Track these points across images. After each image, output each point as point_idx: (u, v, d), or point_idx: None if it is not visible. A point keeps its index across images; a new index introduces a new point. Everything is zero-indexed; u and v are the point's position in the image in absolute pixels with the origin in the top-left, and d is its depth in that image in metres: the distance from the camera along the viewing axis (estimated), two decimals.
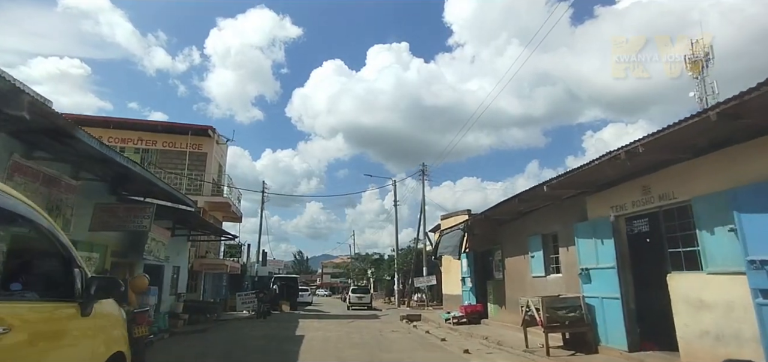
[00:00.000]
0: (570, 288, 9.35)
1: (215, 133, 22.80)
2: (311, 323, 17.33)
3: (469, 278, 14.98)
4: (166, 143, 22.10)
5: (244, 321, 18.34)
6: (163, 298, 15.81)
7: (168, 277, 16.37)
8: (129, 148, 21.58)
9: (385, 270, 37.82)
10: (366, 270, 49.20)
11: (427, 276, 27.41)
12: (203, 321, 17.58)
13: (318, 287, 77.91)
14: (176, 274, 17.51)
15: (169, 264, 16.37)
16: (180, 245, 17.59)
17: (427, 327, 14.67)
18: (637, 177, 7.14)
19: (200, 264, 20.57)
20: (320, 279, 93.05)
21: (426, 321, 16.70)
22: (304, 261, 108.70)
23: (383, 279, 41.24)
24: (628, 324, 7.41)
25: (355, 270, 53.16)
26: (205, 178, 21.72)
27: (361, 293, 30.64)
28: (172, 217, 15.05)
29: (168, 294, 16.51)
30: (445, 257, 18.58)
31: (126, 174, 10.01)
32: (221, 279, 25.19)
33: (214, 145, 22.85)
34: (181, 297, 17.60)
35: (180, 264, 17.68)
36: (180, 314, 16.70)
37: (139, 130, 21.81)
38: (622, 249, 7.83)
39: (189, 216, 14.41)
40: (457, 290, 16.29)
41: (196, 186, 21.31)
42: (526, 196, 9.64)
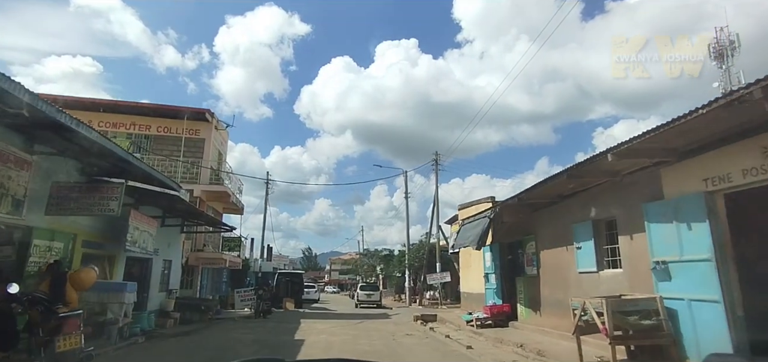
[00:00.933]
0: (635, 286, 7.44)
1: (214, 117, 21.14)
2: (314, 324, 15.59)
3: (493, 274, 13.09)
4: (161, 128, 20.48)
5: (241, 321, 16.66)
6: (151, 295, 14.17)
7: (157, 272, 14.73)
8: (120, 133, 19.99)
9: (395, 267, 36.01)
10: (375, 267, 47.48)
11: (440, 273, 25.53)
12: (197, 320, 15.94)
13: (326, 284, 76.47)
14: (167, 269, 15.87)
15: (159, 257, 14.72)
16: (172, 236, 15.95)
17: (445, 329, 12.84)
18: (756, 134, 5.18)
19: (196, 259, 18.93)
20: (328, 275, 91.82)
21: (442, 322, 14.87)
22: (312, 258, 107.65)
23: (393, 276, 39.45)
24: (734, 337, 5.48)
25: (363, 267, 51.44)
26: (203, 164, 20.07)
27: (370, 290, 28.89)
28: (160, 205, 13.38)
29: (157, 290, 14.87)
30: (464, 251, 16.75)
31: (94, 150, 8.31)
32: (221, 274, 23.57)
33: (213, 131, 21.18)
34: (172, 293, 15.96)
35: (172, 257, 16.04)
36: (171, 312, 15.06)
37: (131, 114, 20.20)
38: (721, 235, 5.89)
39: (179, 204, 12.72)
40: (479, 288, 14.41)
41: (193, 174, 19.67)
42: (579, 171, 7.72)
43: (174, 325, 14.37)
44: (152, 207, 12.91)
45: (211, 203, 20.81)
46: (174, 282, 16.32)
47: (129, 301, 10.25)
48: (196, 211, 13.02)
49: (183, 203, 12.54)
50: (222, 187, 19.91)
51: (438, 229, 26.31)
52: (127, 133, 20.15)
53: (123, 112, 20.09)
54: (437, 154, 27.28)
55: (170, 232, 15.72)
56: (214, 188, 19.77)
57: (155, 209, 13.26)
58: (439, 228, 26.34)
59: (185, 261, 18.16)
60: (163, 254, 15.11)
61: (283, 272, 28.71)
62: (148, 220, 12.07)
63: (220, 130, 22.20)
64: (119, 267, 11.93)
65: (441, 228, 26.38)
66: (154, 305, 14.36)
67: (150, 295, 14.05)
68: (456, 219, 17.30)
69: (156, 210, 13.36)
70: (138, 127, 20.24)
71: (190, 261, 18.64)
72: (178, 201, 12.41)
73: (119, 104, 19.66)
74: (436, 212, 26.46)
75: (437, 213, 26.53)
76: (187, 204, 12.23)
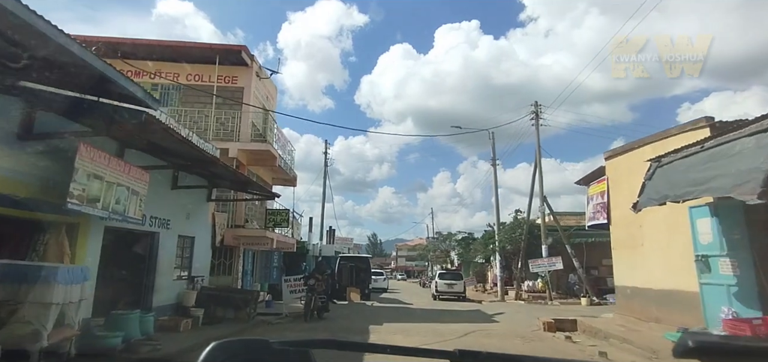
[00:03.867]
0: None
1: (254, 60, 16.71)
2: (391, 333, 10.47)
3: (726, 259, 6.86)
4: (191, 76, 16.43)
5: (285, 323, 12.02)
6: (159, 285, 9.89)
7: (168, 252, 10.44)
8: (144, 83, 16.16)
9: (477, 251, 30.18)
10: (449, 252, 41.92)
11: (548, 258, 19.44)
12: (230, 318, 11.58)
13: (392, 270, 72.44)
14: (187, 248, 11.62)
15: (170, 231, 10.42)
16: (193, 204, 11.65)
17: (629, 358, 7.12)
18: None
19: (235, 237, 14.66)
20: (395, 262, 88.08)
21: (595, 334, 9.08)
22: (377, 245, 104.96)
23: (473, 262, 33.64)
24: None
25: (435, 252, 46.08)
26: (242, 117, 15.73)
27: (451, 279, 23.43)
28: (166, 157, 8.94)
29: (171, 278, 10.61)
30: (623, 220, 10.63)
31: None
32: (270, 259, 19.37)
33: (254, 78, 16.78)
34: (197, 282, 11.71)
35: (194, 232, 11.76)
36: (191, 308, 10.77)
37: (155, 59, 16.30)
38: None
39: (194, 156, 8.15)
40: (673, 282, 8.19)
41: (227, 129, 15.39)
42: None
43: (191, 327, 10.01)
44: (143, 154, 8.44)
45: (253, 168, 16.49)
46: (199, 266, 12.07)
47: (67, 299, 5.71)
48: (207, 158, 8.34)
49: (197, 153, 7.89)
50: (264, 145, 15.43)
51: (542, 202, 20.11)
52: (152, 83, 16.29)
53: (145, 56, 16.22)
54: (537, 105, 20.97)
55: (190, 198, 11.41)
56: (255, 146, 15.34)
57: (150, 158, 8.82)
58: (544, 200, 20.14)
59: (220, 241, 13.94)
60: (178, 228, 10.81)
61: (346, 256, 24.14)
62: (127, 169, 7.56)
63: (263, 78, 17.77)
64: (88, 241, 7.58)
65: (546, 199, 20.18)
66: (164, 299, 10.10)
67: (156, 285, 9.77)
68: (598, 178, 11.24)
69: (151, 159, 8.91)
70: (164, 74, 16.32)
71: (227, 240, 14.40)
72: (197, 154, 7.77)
73: (138, 43, 15.78)
74: (540, 178, 20.30)
75: (541, 180, 20.35)
76: (201, 154, 7.54)
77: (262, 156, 15.90)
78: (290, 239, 18.82)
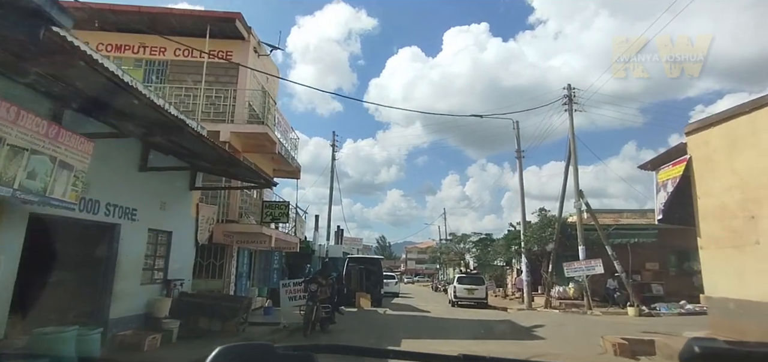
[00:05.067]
0: None
1: (252, 33, 14.62)
2: None
3: None
4: (180, 51, 14.38)
5: (278, 339, 9.81)
6: (120, 291, 7.78)
7: (134, 251, 8.32)
8: (127, 59, 14.24)
9: (497, 253, 27.80)
10: (464, 254, 39.54)
11: (586, 261, 17.05)
12: (216, 330, 9.47)
13: (402, 273, 70.24)
14: (163, 246, 9.51)
15: (138, 223, 8.31)
16: (170, 191, 9.56)
17: None
18: None
19: (226, 234, 12.55)
20: (404, 264, 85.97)
21: None
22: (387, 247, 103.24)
23: (491, 265, 31.25)
24: None
25: (448, 254, 43.72)
26: (237, 97, 13.67)
27: (471, 283, 21.09)
28: (118, 122, 6.81)
29: (138, 282, 8.49)
30: (721, 212, 8.35)
31: None
32: (270, 260, 17.26)
33: (251, 54, 14.71)
34: (175, 287, 9.60)
35: (172, 227, 9.65)
36: (164, 320, 8.66)
37: (141, 33, 14.28)
38: None
39: (152, 118, 6.00)
40: None
41: (218, 107, 13.32)
42: None
43: (161, 344, 7.88)
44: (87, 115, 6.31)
45: (250, 156, 14.36)
46: (179, 268, 9.94)
47: None
48: (170, 121, 6.13)
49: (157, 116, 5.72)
50: (261, 128, 13.29)
51: (578, 196, 17.71)
52: (136, 58, 14.33)
53: (128, 29, 14.21)
54: (570, 88, 18.62)
55: (166, 184, 9.31)
56: (251, 129, 13.24)
57: (95, 122, 6.69)
58: (579, 194, 17.73)
59: (209, 238, 11.84)
60: (148, 219, 8.70)
61: (355, 257, 21.89)
62: (56, 132, 5.42)
63: (262, 55, 15.68)
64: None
65: (583, 194, 17.78)
66: (127, 308, 7.99)
67: (116, 291, 7.66)
68: (673, 160, 8.91)
69: (96, 125, 6.79)
70: (149, 50, 14.33)
71: (217, 236, 12.29)
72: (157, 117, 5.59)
73: (117, 10, 13.70)
74: (574, 170, 17.91)
75: (576, 172, 17.95)
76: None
77: (259, 141, 13.78)
78: (292, 237, 16.67)
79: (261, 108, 14.58)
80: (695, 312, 14.97)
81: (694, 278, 18.09)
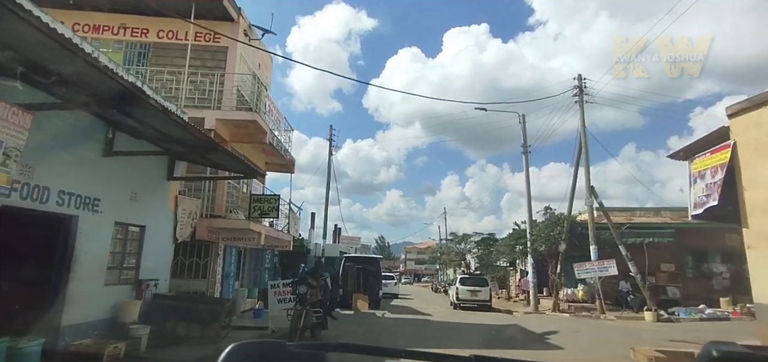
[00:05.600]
0: None
1: (242, 15, 13.56)
2: None
3: None
4: (163, 33, 13.37)
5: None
6: (72, 293, 6.71)
7: (96, 246, 7.26)
8: (106, 41, 13.21)
9: (500, 253, 26.75)
10: (465, 255, 38.50)
11: (598, 261, 15.99)
12: (195, 337, 8.47)
13: (401, 274, 69.32)
14: (135, 242, 8.46)
15: (100, 215, 7.25)
16: (143, 182, 8.51)
17: None
18: None
19: (210, 230, 11.49)
20: (403, 265, 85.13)
21: None
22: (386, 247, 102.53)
23: (493, 266, 30.19)
24: None
25: (448, 254, 42.69)
26: (225, 82, 12.63)
27: (474, 285, 20.04)
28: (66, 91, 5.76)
29: (101, 282, 7.43)
30: None
31: None
32: (262, 258, 16.21)
33: (241, 37, 13.65)
34: (147, 288, 8.55)
35: (146, 221, 8.59)
36: (132, 325, 7.60)
37: (121, 13, 13.25)
38: None
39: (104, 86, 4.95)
40: None
41: (202, 91, 12.28)
42: None
43: (125, 355, 6.81)
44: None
45: (238, 146, 13.29)
46: (153, 266, 8.88)
47: None
48: (129, 91, 5.06)
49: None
50: (250, 114, 12.23)
51: (589, 193, 16.64)
52: (116, 39, 13.28)
53: (108, 8, 13.18)
54: (581, 78, 17.57)
55: (137, 173, 8.26)
56: (238, 117, 12.18)
57: (31, 89, 5.62)
58: (591, 190, 16.67)
59: (191, 234, 10.79)
60: (115, 211, 7.65)
61: (352, 257, 20.80)
62: None
63: (253, 39, 14.62)
64: None
65: (594, 190, 16.71)
66: (87, 313, 6.94)
67: (71, 293, 6.60)
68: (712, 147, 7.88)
69: (33, 93, 5.73)
70: (130, 31, 13.28)
71: (200, 233, 11.23)
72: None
73: None
74: (585, 164, 16.85)
75: (587, 170, 16.89)
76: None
77: (248, 129, 12.72)
78: (285, 235, 15.59)
79: (251, 95, 13.54)
80: (717, 318, 13.95)
81: (713, 281, 17.09)
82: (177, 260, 11.50)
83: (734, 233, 17.86)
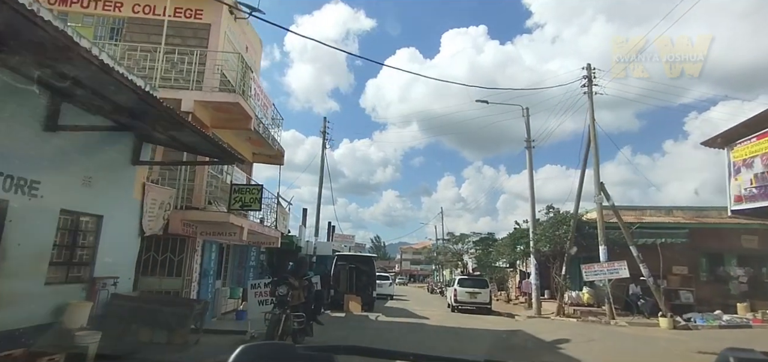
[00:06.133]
0: None
1: None
2: None
3: None
4: (139, 8, 12.22)
5: None
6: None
7: (32, 238, 6.11)
8: (74, 14, 12.06)
9: (500, 253, 25.68)
10: (462, 255, 37.47)
11: (608, 262, 14.95)
12: (156, 344, 7.37)
13: (397, 274, 68.35)
14: (90, 234, 7.31)
15: (39, 201, 6.10)
16: (101, 165, 7.35)
17: None
18: None
19: (185, 223, 10.33)
20: (399, 265, 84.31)
21: None
22: (381, 247, 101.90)
23: (491, 267, 29.12)
24: None
25: (445, 254, 41.64)
26: (207, 62, 11.50)
27: (474, 286, 18.96)
28: None
29: (40, 281, 6.27)
30: None
31: None
32: (246, 256, 15.08)
33: (225, 15, 12.52)
34: (102, 288, 7.40)
35: (104, 211, 7.44)
36: (79, 332, 6.44)
37: None
38: None
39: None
40: None
41: (179, 70, 11.12)
42: None
43: None
44: None
45: (221, 132, 12.14)
46: (113, 262, 7.72)
47: None
48: (57, 42, 4.00)
49: None
50: (232, 96, 11.06)
51: (599, 189, 15.58)
52: (85, 13, 12.11)
53: None
54: (590, 68, 16.52)
55: (92, 154, 7.11)
56: (220, 98, 11.02)
57: None
58: (601, 186, 15.61)
59: (163, 227, 9.63)
60: (60, 197, 6.50)
61: (345, 255, 19.65)
62: None
63: (239, 17, 13.46)
64: None
65: (604, 187, 15.66)
66: (18, 317, 5.80)
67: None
68: (761, 130, 6.79)
69: None
70: (102, 4, 12.11)
71: (175, 226, 10.07)
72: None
73: None
74: (596, 160, 15.81)
75: (596, 164, 15.84)
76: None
77: (230, 114, 11.57)
78: (272, 231, 14.43)
79: (236, 77, 12.40)
80: (737, 325, 12.94)
81: (729, 285, 16.09)
82: (148, 256, 10.38)
83: (752, 234, 16.99)
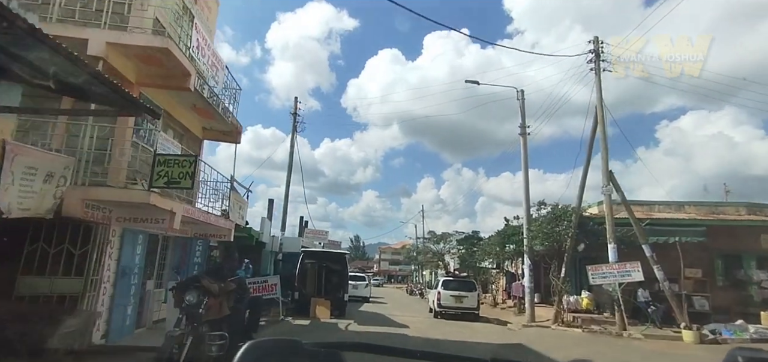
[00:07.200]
0: None
1: None
2: None
3: None
4: None
5: None
6: None
7: None
8: None
9: (486, 253, 23.57)
10: (444, 255, 35.28)
11: (618, 264, 12.91)
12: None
13: (374, 274, 66.13)
14: None
15: None
16: None
17: None
18: None
19: (88, 204, 7.67)
20: (377, 265, 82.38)
21: None
22: (360, 247, 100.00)
23: (476, 267, 27.02)
24: None
25: (426, 254, 39.45)
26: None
27: (460, 289, 16.71)
28: None
29: None
30: None
31: None
32: (191, 250, 12.39)
33: None
34: None
35: None
36: None
37: None
38: None
39: None
40: None
41: (86, 3, 8.49)
42: None
43: None
44: None
45: (152, 93, 9.48)
46: None
47: None
48: None
49: None
50: (158, 40, 8.42)
51: (607, 180, 13.54)
52: None
53: None
54: (597, 41, 14.49)
55: None
56: (141, 41, 8.36)
57: None
58: (609, 175, 13.57)
59: (53, 209, 6.97)
60: None
61: (311, 252, 17.07)
62: None
63: None
64: None
65: (613, 175, 13.63)
66: None
67: None
68: None
69: None
70: None
71: (73, 207, 7.39)
72: None
73: None
74: (604, 146, 13.75)
75: (604, 150, 13.79)
76: None
77: (161, 67, 8.91)
78: (223, 221, 11.83)
79: (169, 19, 9.79)
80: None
81: (750, 289, 14.33)
82: (34, 248, 7.73)
83: None
